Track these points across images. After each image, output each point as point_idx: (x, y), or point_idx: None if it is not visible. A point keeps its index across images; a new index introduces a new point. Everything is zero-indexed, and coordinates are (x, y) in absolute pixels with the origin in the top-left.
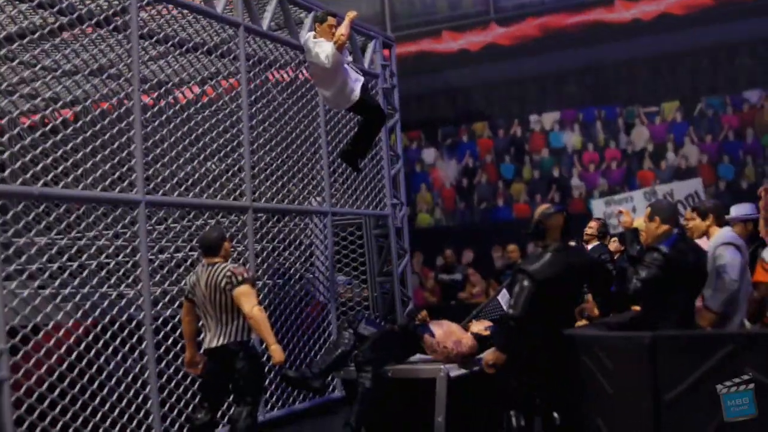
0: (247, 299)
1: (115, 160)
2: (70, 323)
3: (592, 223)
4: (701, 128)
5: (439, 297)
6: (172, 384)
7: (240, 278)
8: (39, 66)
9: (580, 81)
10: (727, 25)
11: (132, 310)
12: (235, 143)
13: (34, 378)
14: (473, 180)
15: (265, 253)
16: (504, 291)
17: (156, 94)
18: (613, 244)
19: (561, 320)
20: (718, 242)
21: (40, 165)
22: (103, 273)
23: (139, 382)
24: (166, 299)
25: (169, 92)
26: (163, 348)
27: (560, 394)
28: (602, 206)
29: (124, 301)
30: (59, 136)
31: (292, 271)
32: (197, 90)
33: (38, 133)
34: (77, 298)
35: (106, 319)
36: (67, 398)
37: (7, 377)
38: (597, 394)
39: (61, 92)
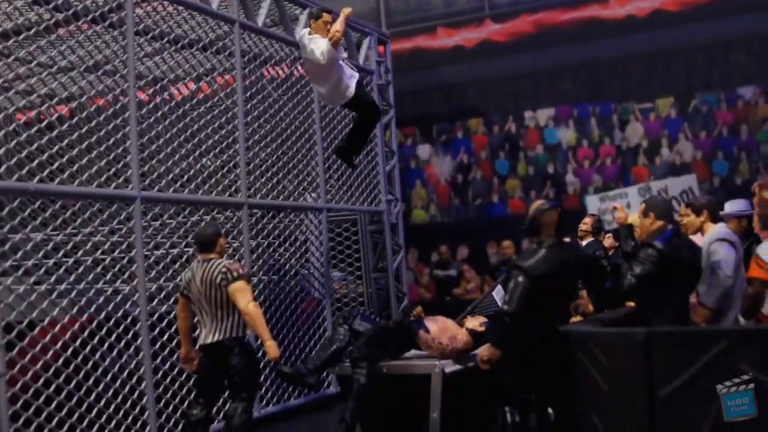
0: (243, 295)
1: (111, 157)
2: (66, 319)
3: (587, 219)
4: (696, 124)
5: (434, 293)
6: (168, 380)
7: (235, 274)
8: (35, 62)
9: (575, 77)
10: (722, 21)
11: (127, 306)
12: (230, 139)
13: (29, 374)
14: (468, 176)
15: (260, 249)
16: (499, 287)
17: (151, 90)
18: (608, 240)
19: (556, 316)
20: (712, 238)
21: (36, 161)
22: (98, 269)
23: (135, 378)
24: (162, 295)
25: (164, 89)
26: (158, 344)
27: (555, 390)
28: (597, 202)
29: (119, 297)
30: (55, 133)
31: (287, 267)
32: (193, 86)
33: (34, 130)
34: (73, 294)
35: (102, 315)
36: (63, 394)
37: (2, 373)
38: (592, 390)
39: (57, 88)
